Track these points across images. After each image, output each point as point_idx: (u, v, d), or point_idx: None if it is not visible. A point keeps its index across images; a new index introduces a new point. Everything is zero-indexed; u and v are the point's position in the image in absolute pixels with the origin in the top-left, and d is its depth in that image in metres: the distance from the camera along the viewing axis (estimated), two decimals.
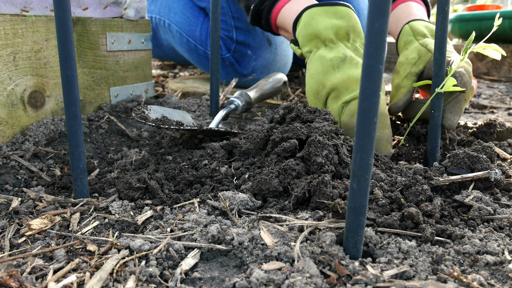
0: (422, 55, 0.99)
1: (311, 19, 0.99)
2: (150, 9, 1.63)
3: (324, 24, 0.97)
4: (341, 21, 0.97)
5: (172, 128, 0.87)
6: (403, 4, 1.23)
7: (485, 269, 0.53)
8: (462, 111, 0.91)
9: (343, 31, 0.97)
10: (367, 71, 0.46)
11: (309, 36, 0.99)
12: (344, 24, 0.97)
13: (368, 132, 0.47)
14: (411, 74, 0.99)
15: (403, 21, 1.13)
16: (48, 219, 0.64)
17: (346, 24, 0.97)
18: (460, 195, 0.70)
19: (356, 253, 0.53)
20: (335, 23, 0.97)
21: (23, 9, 0.92)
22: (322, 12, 0.99)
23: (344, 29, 0.97)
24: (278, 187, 0.69)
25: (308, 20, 0.99)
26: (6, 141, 0.88)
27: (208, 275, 0.52)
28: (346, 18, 0.98)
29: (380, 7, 0.44)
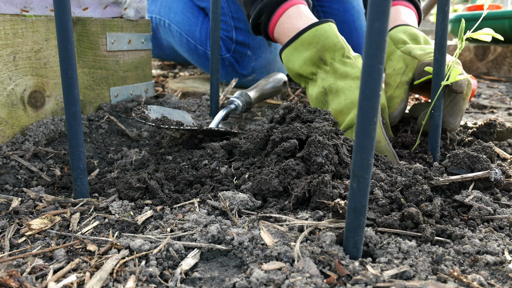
0: (409, 63, 1.00)
1: (287, 62, 1.04)
2: (150, 9, 1.63)
3: (298, 63, 1.01)
4: (310, 50, 0.99)
5: (172, 128, 0.87)
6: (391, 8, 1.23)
7: (485, 269, 0.53)
8: (462, 111, 0.91)
9: (316, 59, 0.99)
10: (367, 71, 0.46)
11: (295, 77, 1.05)
12: (313, 51, 0.99)
13: (368, 132, 0.47)
14: (402, 84, 0.99)
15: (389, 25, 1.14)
16: (48, 219, 0.64)
17: (315, 50, 0.99)
18: (460, 195, 0.70)
19: (356, 253, 0.53)
20: (306, 56, 1.00)
21: (23, 9, 0.92)
22: (292, 50, 1.02)
23: (315, 58, 0.99)
24: (278, 187, 0.69)
25: (286, 64, 1.04)
26: (6, 141, 0.88)
27: (208, 275, 0.52)
28: (313, 43, 0.99)
29: (380, 7, 0.44)
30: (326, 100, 0.96)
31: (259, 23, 1.12)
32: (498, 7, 2.45)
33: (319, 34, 0.99)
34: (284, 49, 1.04)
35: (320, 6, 1.57)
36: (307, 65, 1.00)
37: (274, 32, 1.10)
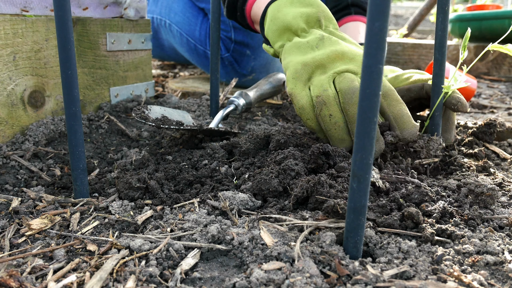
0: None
1: (277, 12, 0.92)
2: (151, 9, 1.64)
3: (292, 14, 0.89)
4: (310, 8, 0.90)
5: (172, 128, 0.87)
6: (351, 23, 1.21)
7: (485, 269, 0.53)
8: (454, 124, 0.92)
9: (314, 18, 0.89)
10: (367, 71, 0.46)
11: (279, 30, 0.91)
12: (313, 10, 0.90)
13: (368, 132, 0.47)
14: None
15: None
16: (48, 219, 0.64)
17: (315, 10, 0.90)
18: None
19: (356, 253, 0.53)
20: (303, 11, 0.90)
21: (23, 9, 0.92)
22: (287, 3, 0.91)
23: (314, 16, 0.89)
24: (278, 187, 0.69)
25: (275, 14, 0.92)
26: (6, 141, 0.88)
27: (208, 275, 0.52)
28: (314, 5, 0.91)
29: (380, 7, 0.44)
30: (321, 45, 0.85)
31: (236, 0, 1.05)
32: (498, 7, 2.45)
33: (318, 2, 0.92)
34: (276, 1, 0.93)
35: None
36: (303, 19, 0.89)
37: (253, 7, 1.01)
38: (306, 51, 0.85)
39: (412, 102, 0.99)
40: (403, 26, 3.58)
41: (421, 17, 3.28)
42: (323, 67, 0.82)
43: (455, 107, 0.85)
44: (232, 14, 1.10)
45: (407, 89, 0.94)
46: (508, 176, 0.82)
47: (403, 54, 2.25)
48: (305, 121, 0.83)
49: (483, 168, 0.84)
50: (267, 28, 0.94)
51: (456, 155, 0.89)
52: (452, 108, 0.86)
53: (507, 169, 0.87)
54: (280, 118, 1.21)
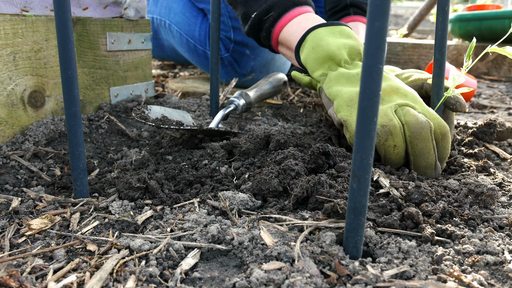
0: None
1: (319, 41, 0.91)
2: (151, 10, 1.64)
3: (336, 44, 0.90)
4: (351, 40, 0.91)
5: (172, 128, 0.87)
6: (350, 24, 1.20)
7: (485, 269, 0.53)
8: (454, 124, 0.92)
9: (356, 50, 0.90)
10: (367, 71, 0.46)
11: (320, 59, 0.91)
12: (354, 43, 0.91)
13: (368, 132, 0.47)
14: None
15: None
16: (48, 219, 0.64)
17: (356, 43, 0.91)
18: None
19: (356, 253, 0.53)
20: (346, 42, 0.90)
21: (23, 9, 0.92)
22: (328, 32, 0.92)
23: (356, 48, 0.90)
24: (278, 187, 0.69)
25: (316, 42, 0.91)
26: (6, 141, 0.88)
27: (208, 275, 0.52)
28: (353, 38, 0.92)
29: (380, 7, 0.44)
30: None
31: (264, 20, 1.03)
32: (498, 7, 2.45)
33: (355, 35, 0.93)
34: (317, 28, 0.93)
35: (319, 7, 1.57)
36: (346, 50, 0.89)
37: (283, 30, 1.01)
38: (356, 80, 0.86)
39: None
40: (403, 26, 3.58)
41: (421, 17, 3.28)
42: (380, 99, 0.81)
43: (453, 107, 0.86)
44: (254, 33, 1.08)
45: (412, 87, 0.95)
46: (508, 176, 0.82)
47: (403, 54, 2.25)
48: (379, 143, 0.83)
49: (483, 168, 0.84)
50: (306, 56, 0.93)
51: (456, 155, 0.89)
52: (451, 108, 0.86)
53: (507, 169, 0.87)
54: (280, 118, 1.21)
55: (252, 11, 1.04)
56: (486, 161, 0.85)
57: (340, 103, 0.85)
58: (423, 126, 0.76)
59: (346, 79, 0.87)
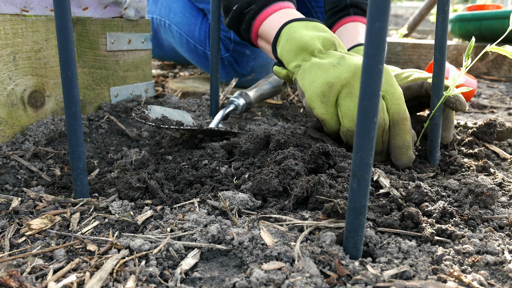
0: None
1: (294, 33, 0.93)
2: (151, 10, 1.64)
3: (309, 36, 0.91)
4: (325, 33, 0.93)
5: (172, 128, 0.87)
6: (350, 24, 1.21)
7: (485, 269, 0.53)
8: (454, 123, 0.92)
9: (330, 41, 0.91)
10: (367, 71, 0.46)
11: (295, 50, 0.91)
12: (328, 35, 0.92)
13: (368, 132, 0.47)
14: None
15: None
16: (48, 219, 0.64)
17: (330, 35, 0.92)
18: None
19: (356, 253, 0.53)
20: (318, 34, 0.92)
21: (23, 9, 0.92)
22: (303, 26, 0.94)
23: (330, 40, 0.91)
24: (278, 187, 0.69)
25: (291, 34, 0.93)
26: (6, 141, 0.88)
27: (208, 275, 0.52)
28: (328, 32, 0.94)
29: (380, 7, 0.44)
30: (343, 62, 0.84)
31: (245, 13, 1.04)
32: (498, 7, 2.45)
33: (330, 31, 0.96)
34: (293, 22, 0.94)
35: (319, 7, 1.57)
36: (320, 41, 0.90)
37: (263, 24, 1.01)
38: (328, 69, 0.85)
39: (412, 101, 0.99)
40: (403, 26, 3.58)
41: (421, 17, 3.28)
42: (349, 86, 0.82)
43: (454, 105, 0.86)
44: (234, 25, 1.09)
45: (407, 87, 0.95)
46: (508, 176, 0.82)
47: (403, 54, 2.25)
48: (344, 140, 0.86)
49: (483, 168, 0.84)
50: (281, 48, 0.94)
51: (456, 155, 0.89)
52: (451, 107, 0.86)
53: (507, 169, 0.87)
54: (280, 118, 1.21)
55: (233, 3, 1.05)
56: (486, 161, 0.85)
57: (312, 96, 0.85)
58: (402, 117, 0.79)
59: (318, 67, 0.86)
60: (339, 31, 1.23)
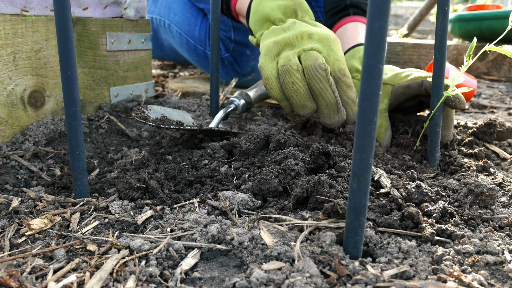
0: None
1: (258, 5, 1.02)
2: (150, 10, 1.64)
3: (271, 6, 1.00)
4: (287, 1, 1.00)
5: (172, 128, 0.87)
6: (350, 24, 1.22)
7: (485, 269, 0.53)
8: (453, 122, 0.92)
9: (290, 9, 0.99)
10: (367, 71, 0.46)
11: (260, 21, 1.02)
12: (290, 3, 1.00)
13: (368, 132, 0.47)
14: (380, 112, 0.98)
15: (344, 48, 1.13)
16: (48, 219, 0.64)
17: (292, 2, 1.00)
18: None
19: (356, 253, 0.53)
20: (281, 3, 1.00)
21: (23, 9, 0.92)
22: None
23: (290, 7, 0.99)
24: (278, 187, 0.69)
25: (256, 7, 1.02)
26: (6, 141, 0.88)
27: (208, 275, 0.52)
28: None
29: (380, 7, 0.44)
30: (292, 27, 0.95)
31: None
32: (498, 7, 2.45)
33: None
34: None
35: (319, 7, 1.57)
36: (280, 10, 1.00)
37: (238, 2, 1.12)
38: (278, 33, 0.95)
39: (411, 100, 0.99)
40: (403, 26, 3.58)
41: (421, 17, 3.28)
42: (291, 45, 0.92)
43: (453, 104, 0.86)
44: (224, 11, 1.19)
45: (406, 86, 0.95)
46: (508, 176, 0.82)
47: (403, 54, 2.25)
48: (269, 90, 0.92)
49: (483, 168, 0.84)
50: (250, 20, 1.05)
51: (456, 155, 0.89)
52: (450, 105, 0.86)
53: (507, 169, 0.87)
54: (280, 118, 1.21)
55: None
56: (486, 161, 0.85)
57: (261, 54, 0.95)
58: (317, 67, 0.85)
59: (272, 32, 0.97)
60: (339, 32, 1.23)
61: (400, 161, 0.85)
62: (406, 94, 0.95)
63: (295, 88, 0.87)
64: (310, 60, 0.87)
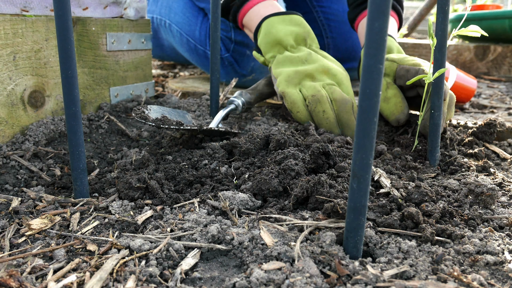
0: (386, 66, 1.03)
1: (271, 28, 1.09)
2: (151, 9, 1.64)
3: (283, 31, 1.08)
4: (298, 28, 1.09)
5: (172, 128, 0.87)
6: None
7: (485, 269, 0.53)
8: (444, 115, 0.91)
9: (301, 37, 1.09)
10: (367, 71, 0.46)
11: (271, 43, 1.09)
12: (301, 30, 1.09)
13: (368, 132, 0.47)
14: (390, 84, 1.02)
15: None
16: (48, 219, 0.64)
17: (302, 30, 1.09)
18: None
19: (356, 253, 0.53)
20: (293, 29, 1.08)
21: (23, 9, 0.92)
22: (280, 20, 1.09)
23: (301, 35, 1.09)
24: (278, 187, 0.69)
25: (268, 29, 1.09)
26: (6, 141, 0.88)
27: (208, 275, 0.52)
28: (301, 25, 1.10)
29: (380, 7, 0.44)
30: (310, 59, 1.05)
31: (231, 6, 1.21)
32: (498, 7, 2.45)
33: (305, 23, 1.11)
34: (271, 17, 1.10)
35: (320, 7, 1.57)
36: (292, 37, 1.07)
37: (245, 16, 1.18)
38: (297, 64, 1.05)
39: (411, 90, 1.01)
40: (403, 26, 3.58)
41: (421, 17, 3.28)
42: (311, 76, 1.03)
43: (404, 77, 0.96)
44: (225, 15, 1.26)
45: (407, 70, 0.98)
46: (508, 176, 0.82)
47: None
48: (295, 113, 1.01)
49: (483, 168, 0.84)
50: (260, 40, 1.12)
51: (456, 155, 0.89)
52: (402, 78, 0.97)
53: (507, 169, 0.87)
54: (280, 118, 1.21)
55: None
56: (486, 161, 0.85)
57: (281, 80, 1.04)
58: (346, 101, 0.97)
59: (289, 61, 1.06)
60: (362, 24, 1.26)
61: (402, 162, 0.85)
62: (404, 78, 0.98)
63: (325, 116, 0.97)
64: (338, 93, 0.98)
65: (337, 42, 1.58)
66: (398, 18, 1.29)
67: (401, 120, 0.99)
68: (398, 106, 0.99)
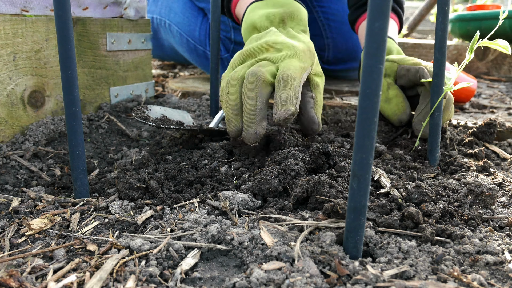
0: (387, 67, 1.03)
1: (249, 13, 0.98)
2: (151, 9, 1.64)
3: (259, 14, 0.95)
4: (277, 9, 0.94)
5: (172, 128, 0.87)
6: None
7: (485, 269, 0.53)
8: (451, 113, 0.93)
9: (278, 17, 0.93)
10: (367, 71, 0.46)
11: (248, 29, 0.98)
12: (279, 11, 0.94)
13: (368, 132, 0.47)
14: (391, 85, 1.01)
15: None
16: (48, 219, 0.64)
17: (282, 11, 0.93)
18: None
19: (356, 253, 0.53)
20: (269, 11, 0.94)
21: (23, 9, 0.92)
22: (262, 4, 0.98)
23: (278, 16, 0.93)
24: (278, 187, 0.69)
25: (248, 15, 0.99)
26: (6, 141, 0.88)
27: (208, 275, 0.52)
28: (285, 7, 0.94)
29: (380, 7, 0.44)
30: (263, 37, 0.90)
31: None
32: (498, 7, 2.45)
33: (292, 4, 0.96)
34: (254, 3, 0.99)
35: (320, 7, 1.57)
36: (267, 18, 0.94)
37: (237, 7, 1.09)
38: (250, 42, 0.92)
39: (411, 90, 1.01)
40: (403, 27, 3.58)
41: (421, 17, 3.28)
42: (253, 55, 0.86)
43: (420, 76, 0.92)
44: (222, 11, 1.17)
45: (407, 69, 0.98)
46: (508, 176, 0.82)
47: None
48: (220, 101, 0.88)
49: (483, 168, 0.84)
50: (242, 28, 1.01)
51: (456, 155, 0.89)
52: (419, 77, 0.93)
53: (507, 169, 0.87)
54: None
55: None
56: (486, 161, 0.85)
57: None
58: (250, 73, 0.79)
59: (249, 42, 0.93)
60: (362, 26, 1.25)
61: (402, 162, 0.85)
62: (405, 77, 0.98)
63: (227, 98, 0.81)
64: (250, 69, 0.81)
65: (337, 42, 1.58)
66: (398, 20, 1.29)
67: (403, 120, 0.99)
68: (400, 106, 0.99)
